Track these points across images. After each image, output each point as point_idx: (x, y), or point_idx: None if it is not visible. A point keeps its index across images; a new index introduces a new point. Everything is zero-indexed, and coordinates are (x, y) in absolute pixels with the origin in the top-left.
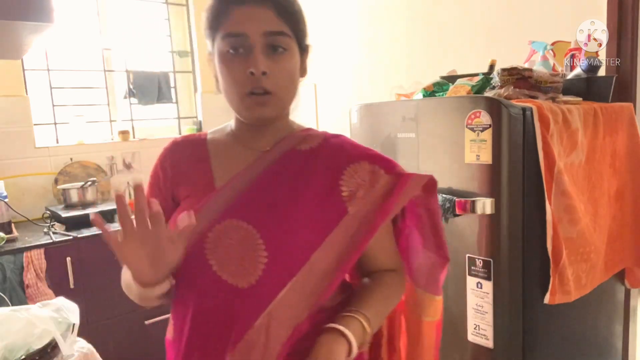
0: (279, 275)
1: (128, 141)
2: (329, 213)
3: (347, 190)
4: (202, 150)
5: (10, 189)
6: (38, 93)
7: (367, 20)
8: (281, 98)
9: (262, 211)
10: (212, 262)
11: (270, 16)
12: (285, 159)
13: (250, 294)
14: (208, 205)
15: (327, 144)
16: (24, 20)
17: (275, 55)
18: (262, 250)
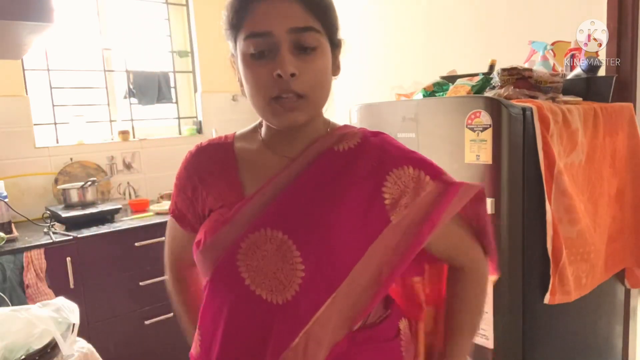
0: (316, 290)
1: (128, 141)
2: (370, 222)
3: (389, 198)
4: (230, 157)
5: (10, 189)
6: (38, 93)
7: (367, 21)
8: (313, 101)
9: (298, 219)
10: (245, 275)
11: (297, 10)
12: (321, 161)
13: (286, 311)
14: (238, 214)
15: (367, 144)
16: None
17: (305, 55)
18: (298, 262)
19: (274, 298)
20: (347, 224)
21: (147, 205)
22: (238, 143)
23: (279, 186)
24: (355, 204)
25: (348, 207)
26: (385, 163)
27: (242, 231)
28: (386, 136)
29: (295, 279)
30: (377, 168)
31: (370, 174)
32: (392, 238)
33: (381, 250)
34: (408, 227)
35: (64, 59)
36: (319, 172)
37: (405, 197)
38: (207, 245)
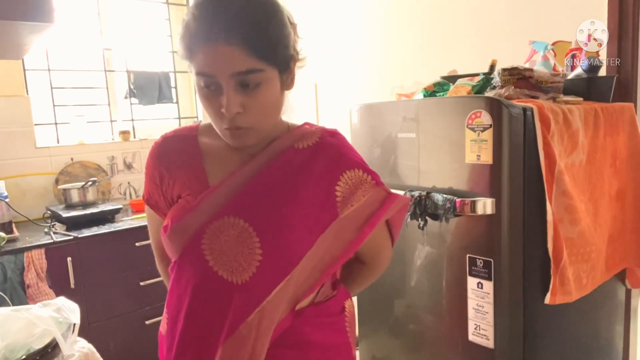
0: (272, 272)
1: (129, 141)
2: (323, 215)
3: (341, 195)
4: (195, 149)
5: (11, 189)
6: (39, 93)
7: (367, 21)
8: (261, 129)
9: (259, 209)
10: (209, 257)
11: (239, 55)
12: (282, 157)
13: (243, 290)
14: (202, 203)
15: (326, 143)
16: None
17: (249, 91)
18: (257, 247)
19: (234, 278)
20: (302, 215)
21: None
22: (203, 136)
23: (243, 178)
24: (311, 198)
25: (304, 200)
26: (340, 164)
27: (207, 218)
28: (342, 137)
29: (253, 262)
30: (333, 167)
31: (326, 172)
32: (337, 230)
33: (328, 241)
34: (352, 223)
35: (65, 59)
36: (280, 167)
37: (354, 196)
38: (174, 229)
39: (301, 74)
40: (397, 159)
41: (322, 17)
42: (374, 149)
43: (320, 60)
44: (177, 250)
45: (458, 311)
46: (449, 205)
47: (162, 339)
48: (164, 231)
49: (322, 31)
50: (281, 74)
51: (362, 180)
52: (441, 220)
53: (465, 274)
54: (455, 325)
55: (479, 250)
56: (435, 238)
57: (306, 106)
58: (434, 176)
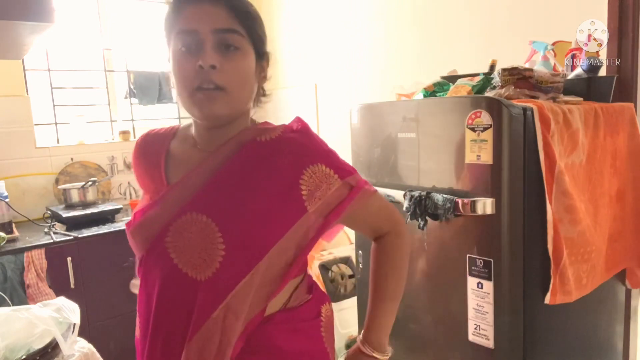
0: (236, 268)
1: (129, 141)
2: (288, 209)
3: (306, 189)
4: (162, 152)
5: (11, 189)
6: (39, 93)
7: (367, 21)
8: (233, 95)
9: (221, 204)
10: (173, 255)
11: (222, 14)
12: (245, 150)
13: (208, 287)
14: (163, 200)
15: (288, 137)
16: (24, 20)
17: (227, 53)
18: (220, 242)
19: (198, 275)
20: (265, 209)
21: None
22: (176, 138)
23: (203, 175)
24: (275, 192)
25: (267, 194)
26: (303, 158)
27: (170, 215)
28: (306, 131)
29: (216, 257)
30: (296, 161)
31: (289, 166)
32: (306, 224)
33: (299, 236)
34: (319, 216)
35: (65, 59)
36: (242, 161)
37: (319, 190)
38: (136, 226)
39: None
40: (397, 159)
41: (322, 17)
42: (374, 149)
43: (320, 60)
44: (141, 248)
45: (458, 311)
46: (449, 205)
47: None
48: (127, 227)
49: (322, 31)
50: (257, 55)
51: (326, 174)
52: (441, 220)
53: (465, 274)
54: (455, 325)
55: (479, 250)
56: (435, 238)
57: (306, 106)
58: (434, 176)
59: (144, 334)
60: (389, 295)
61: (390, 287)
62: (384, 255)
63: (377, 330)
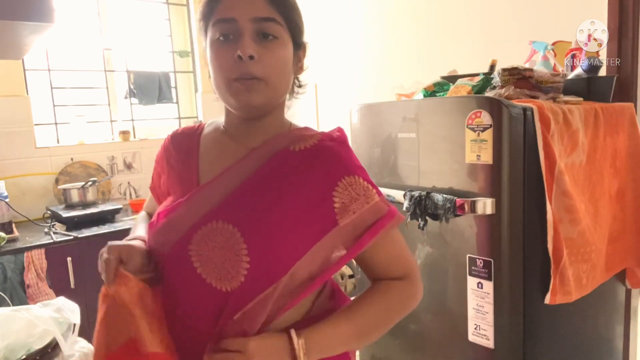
0: (260, 281)
1: (129, 141)
2: (317, 222)
3: (339, 202)
4: (194, 145)
5: (11, 189)
6: (39, 93)
7: (367, 21)
8: (271, 85)
9: (248, 214)
10: (197, 264)
11: (261, 3)
12: (276, 159)
13: (232, 298)
14: (191, 201)
15: (323, 147)
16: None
17: (266, 42)
18: (244, 255)
19: (222, 286)
20: (293, 222)
21: None
22: (205, 132)
23: (232, 178)
24: (304, 204)
25: (296, 205)
26: (338, 169)
27: (195, 220)
28: (345, 142)
29: (241, 269)
30: (330, 172)
31: (322, 177)
32: (336, 239)
33: (325, 250)
34: (351, 232)
35: (65, 59)
36: (272, 170)
37: (354, 204)
38: (160, 227)
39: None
40: (397, 159)
41: (322, 17)
42: (374, 149)
43: (320, 60)
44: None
45: (458, 311)
46: (449, 205)
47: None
48: (150, 227)
49: (322, 31)
50: (295, 45)
51: (365, 188)
52: (441, 220)
53: (465, 274)
54: (455, 325)
55: (479, 250)
56: (435, 238)
57: (306, 106)
58: (434, 176)
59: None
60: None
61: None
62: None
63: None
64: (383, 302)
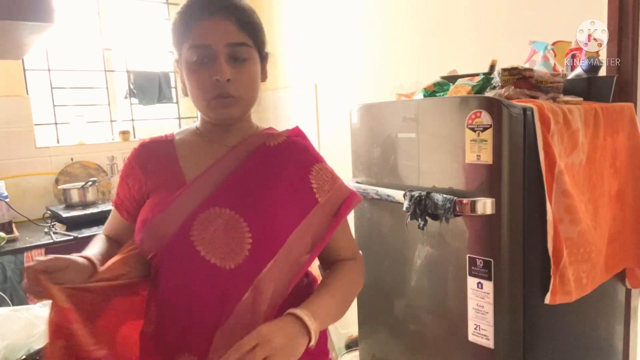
0: (262, 255)
1: (129, 141)
2: (302, 201)
3: (315, 184)
4: (170, 150)
5: (11, 189)
6: (39, 93)
7: (367, 21)
8: (245, 101)
9: (243, 198)
10: (200, 248)
11: (233, 29)
12: (257, 153)
13: (237, 274)
14: (183, 197)
15: (293, 142)
16: (24, 20)
17: (238, 64)
18: (246, 232)
19: (226, 264)
20: (282, 202)
21: None
22: (178, 138)
23: (221, 171)
24: (288, 186)
25: (282, 189)
26: (308, 158)
27: (192, 209)
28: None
29: (245, 245)
30: (303, 160)
31: (298, 164)
32: (320, 215)
33: (313, 224)
34: (330, 208)
35: (65, 59)
36: (256, 162)
37: (326, 185)
38: (156, 221)
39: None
40: (397, 159)
41: (322, 17)
42: (374, 149)
43: (320, 60)
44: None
45: (458, 311)
46: (449, 205)
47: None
48: (143, 224)
49: (322, 31)
50: (261, 59)
51: (330, 172)
52: (441, 220)
53: (465, 274)
54: (455, 325)
55: (479, 250)
56: (435, 238)
57: (306, 106)
58: (434, 176)
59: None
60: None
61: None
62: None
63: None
64: (348, 279)
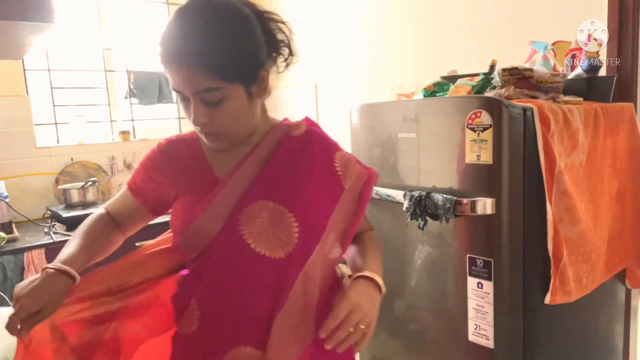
0: (309, 242)
1: (128, 141)
2: (331, 187)
3: (340, 171)
4: (197, 149)
5: (11, 189)
6: (39, 93)
7: (367, 21)
8: (230, 134)
9: (281, 190)
10: (250, 240)
11: (197, 76)
12: (283, 144)
13: (287, 262)
14: (223, 193)
15: (314, 132)
16: (24, 20)
17: (212, 106)
18: (293, 222)
19: (277, 254)
20: (316, 190)
21: None
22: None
23: (254, 165)
24: (319, 175)
25: (315, 177)
26: (330, 147)
27: (234, 205)
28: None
29: (293, 234)
30: (326, 149)
31: (322, 153)
32: (347, 200)
33: (343, 209)
34: (354, 193)
35: (65, 59)
36: (285, 153)
37: (348, 171)
38: (199, 220)
39: (301, 74)
40: (397, 159)
41: (322, 17)
42: (374, 149)
43: (320, 60)
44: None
45: (458, 311)
46: (449, 205)
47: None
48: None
49: (322, 31)
50: (246, 87)
51: (348, 158)
52: (441, 220)
53: (465, 274)
54: (455, 325)
55: (479, 250)
56: (435, 238)
57: (306, 106)
58: (434, 176)
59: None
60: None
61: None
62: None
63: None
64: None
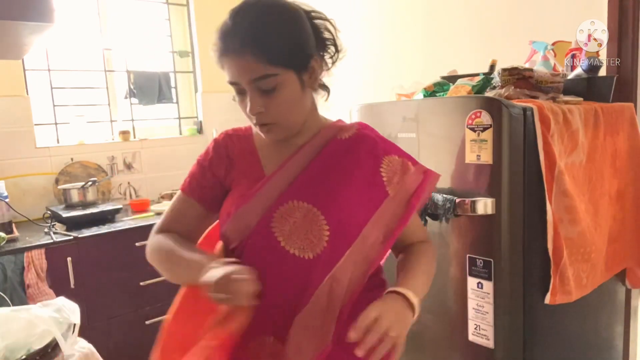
0: (339, 246)
1: (129, 141)
2: (373, 194)
3: (386, 176)
4: (250, 143)
5: (11, 189)
6: (39, 93)
7: (367, 21)
8: (285, 124)
9: (319, 192)
10: (280, 238)
11: (252, 65)
12: (330, 147)
13: (315, 263)
14: (265, 189)
15: (363, 135)
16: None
17: (268, 94)
18: (324, 224)
19: (306, 254)
20: (355, 195)
21: (147, 205)
22: (255, 133)
23: (297, 166)
24: (361, 179)
25: (355, 181)
26: (378, 151)
27: (272, 202)
28: (373, 130)
29: (323, 237)
30: (373, 154)
31: (368, 158)
32: (391, 207)
33: (384, 217)
34: (401, 199)
35: (65, 59)
36: (328, 155)
37: (396, 177)
38: (241, 212)
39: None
40: None
41: None
42: None
43: None
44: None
45: (458, 311)
46: (448, 205)
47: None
48: (228, 216)
49: None
50: (299, 74)
51: (400, 163)
52: (441, 220)
53: (465, 274)
54: (455, 325)
55: (479, 250)
56: (435, 238)
57: None
58: None
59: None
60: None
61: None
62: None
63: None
64: (427, 259)
